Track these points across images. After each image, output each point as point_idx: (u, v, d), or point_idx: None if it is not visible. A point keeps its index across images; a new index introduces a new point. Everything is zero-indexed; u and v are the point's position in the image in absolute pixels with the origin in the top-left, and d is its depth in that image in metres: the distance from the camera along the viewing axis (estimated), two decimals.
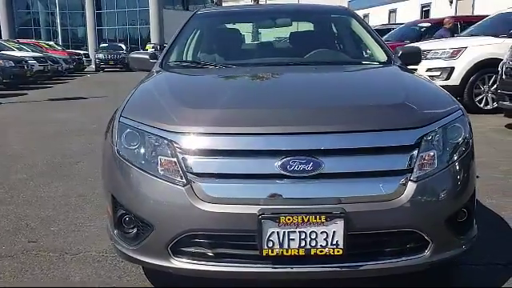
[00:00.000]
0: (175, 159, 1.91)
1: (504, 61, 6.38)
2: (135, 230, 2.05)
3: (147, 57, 3.33)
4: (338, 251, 1.80)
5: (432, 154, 1.93)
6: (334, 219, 1.77)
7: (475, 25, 9.48)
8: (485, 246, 2.52)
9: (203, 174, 1.87)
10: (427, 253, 1.91)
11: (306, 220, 1.77)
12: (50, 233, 3.00)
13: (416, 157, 1.89)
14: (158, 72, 2.96)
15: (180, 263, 1.92)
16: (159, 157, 1.95)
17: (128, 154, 2.04)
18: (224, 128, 1.91)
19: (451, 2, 20.52)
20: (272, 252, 1.81)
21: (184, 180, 1.88)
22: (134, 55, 3.44)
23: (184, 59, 3.27)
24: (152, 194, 1.94)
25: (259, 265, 1.86)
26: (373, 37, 3.42)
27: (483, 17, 10.04)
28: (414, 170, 1.88)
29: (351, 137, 1.88)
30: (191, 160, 1.89)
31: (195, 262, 1.91)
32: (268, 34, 4.13)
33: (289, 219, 1.77)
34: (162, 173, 1.93)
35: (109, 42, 34.69)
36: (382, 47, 3.30)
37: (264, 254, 1.81)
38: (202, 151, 1.89)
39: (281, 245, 1.80)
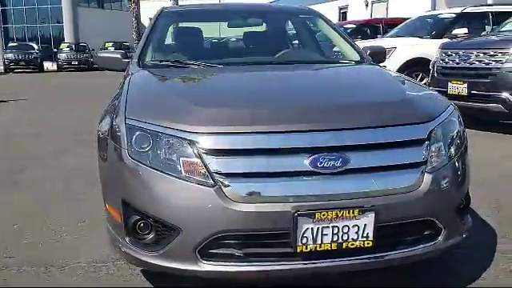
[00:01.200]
0: (199, 160, 1.87)
1: (434, 60, 6.85)
2: (152, 236, 1.98)
3: (119, 56, 3.20)
4: (368, 243, 1.87)
5: (439, 146, 2.06)
6: (365, 212, 1.83)
7: (398, 27, 10.10)
8: None
9: (232, 174, 1.84)
10: (440, 239, 2.04)
11: (339, 215, 1.81)
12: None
13: (428, 149, 2.00)
14: (138, 72, 2.84)
15: (209, 266, 1.88)
16: (181, 158, 1.90)
17: (142, 157, 1.97)
18: (252, 127, 1.89)
19: (367, 5, 21.59)
20: (306, 248, 1.83)
21: (211, 181, 1.84)
22: (102, 54, 3.31)
23: (163, 59, 3.16)
24: (177, 197, 1.88)
25: (290, 262, 1.87)
26: (342, 36, 3.54)
27: (403, 19, 10.72)
28: (428, 162, 1.99)
29: (374, 132, 1.95)
30: (218, 160, 1.85)
31: (224, 263, 1.88)
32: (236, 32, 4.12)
33: (324, 215, 1.80)
34: (184, 174, 1.88)
35: (17, 41, 32.42)
36: (352, 47, 3.43)
37: (298, 251, 1.83)
38: (230, 151, 1.87)
39: (314, 240, 1.83)
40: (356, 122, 1.95)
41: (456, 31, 8.36)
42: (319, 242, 1.83)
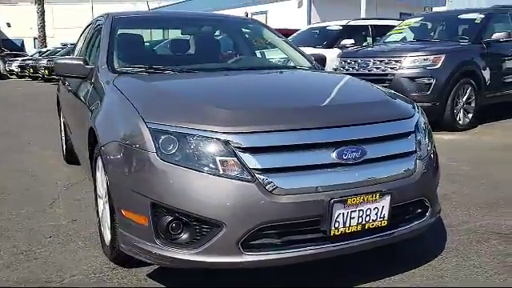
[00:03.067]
0: (235, 158, 1.99)
1: (334, 67, 7.52)
2: (187, 234, 2.04)
3: (81, 62, 3.11)
4: (384, 222, 2.16)
5: (421, 137, 2.43)
6: (383, 196, 2.12)
7: (291, 37, 10.80)
8: None
9: (269, 169, 2.00)
10: (427, 216, 2.41)
11: (365, 199, 2.08)
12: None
13: (416, 140, 2.37)
14: (119, 78, 2.81)
15: (251, 257, 2.00)
16: (216, 157, 2.00)
17: (173, 159, 2.03)
18: (284, 125, 2.08)
19: (247, 15, 22.51)
20: (337, 231, 2.06)
21: (250, 176, 1.98)
22: (61, 60, 3.16)
23: (132, 65, 3.12)
24: (218, 194, 1.98)
25: (323, 245, 2.08)
26: (289, 44, 3.85)
27: (294, 30, 11.49)
28: (418, 151, 2.35)
29: (380, 126, 2.26)
30: (255, 157, 2.00)
31: (265, 253, 2.02)
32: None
33: (353, 200, 2.05)
34: (222, 172, 1.98)
35: None
36: (300, 53, 3.75)
37: (331, 235, 2.05)
38: (264, 148, 2.02)
39: (344, 224, 2.06)
40: (365, 119, 2.24)
41: (344, 42, 9.21)
42: (348, 225, 2.07)
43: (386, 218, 2.15)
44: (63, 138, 4.99)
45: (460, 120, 6.71)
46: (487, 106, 7.20)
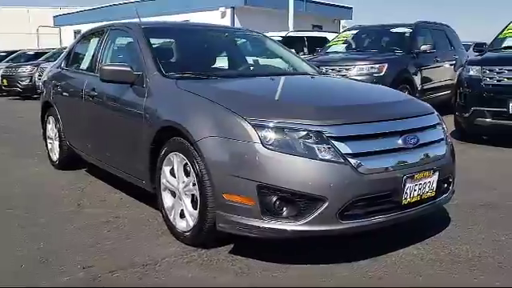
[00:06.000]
0: (330, 145, 2.47)
1: None
2: (290, 209, 2.47)
3: (129, 69, 3.37)
4: (433, 193, 2.76)
5: (443, 127, 3.07)
6: (434, 172, 2.72)
7: None
8: None
9: (356, 153, 2.50)
10: (450, 190, 3.05)
11: (425, 175, 2.66)
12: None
13: (442, 130, 3.01)
14: (178, 82, 3.14)
15: (345, 225, 2.48)
16: (314, 145, 2.46)
17: (277, 147, 2.45)
18: (363, 118, 2.62)
19: None
20: (406, 201, 2.62)
21: (343, 159, 2.46)
22: (109, 67, 3.40)
23: (180, 71, 3.44)
24: (320, 174, 2.43)
25: (395, 212, 2.62)
26: (292, 53, 4.39)
27: None
28: (444, 138, 2.99)
29: (423, 118, 2.87)
30: (346, 144, 2.49)
31: (355, 221, 2.52)
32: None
33: (418, 176, 2.62)
34: (321, 156, 2.45)
35: None
36: (303, 61, 4.30)
37: (402, 204, 2.60)
38: (352, 137, 2.53)
39: (410, 195, 2.63)
40: (412, 113, 2.85)
41: None
42: (412, 196, 2.64)
43: (434, 190, 2.76)
44: (54, 146, 5.03)
45: None
46: None
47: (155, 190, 3.22)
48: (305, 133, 2.48)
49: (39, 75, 13.37)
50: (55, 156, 5.07)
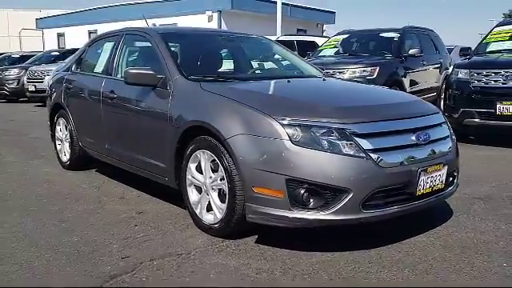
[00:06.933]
0: (353, 142, 2.71)
1: None
2: (317, 200, 2.70)
3: (153, 72, 3.57)
4: (442, 186, 3.03)
5: (449, 126, 3.35)
6: (444, 166, 2.99)
7: None
8: None
9: (377, 149, 2.74)
10: (455, 183, 3.32)
11: (436, 168, 2.92)
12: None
13: (448, 128, 3.28)
14: (201, 84, 3.36)
15: (367, 214, 2.73)
16: (339, 141, 2.70)
17: (305, 144, 2.68)
18: (380, 117, 2.88)
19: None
20: (419, 193, 2.87)
21: (364, 154, 2.71)
22: (134, 71, 3.58)
23: (200, 74, 3.65)
24: (345, 168, 2.67)
25: (411, 203, 2.87)
26: (300, 58, 4.64)
27: None
28: (449, 135, 3.26)
29: (432, 117, 3.14)
30: (367, 140, 2.73)
31: (375, 210, 2.76)
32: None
33: (431, 169, 2.88)
34: (345, 152, 2.69)
35: None
36: (311, 65, 4.54)
37: (416, 195, 2.85)
38: (372, 134, 2.78)
39: (423, 187, 2.88)
40: (424, 112, 3.11)
41: None
42: (425, 188, 2.89)
43: (443, 182, 3.02)
44: (64, 147, 5.17)
45: None
46: None
47: (179, 186, 3.42)
48: (329, 130, 2.72)
49: (28, 78, 13.34)
50: (65, 157, 5.20)
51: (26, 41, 29.89)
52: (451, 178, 3.25)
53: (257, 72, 4.28)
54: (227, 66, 4.23)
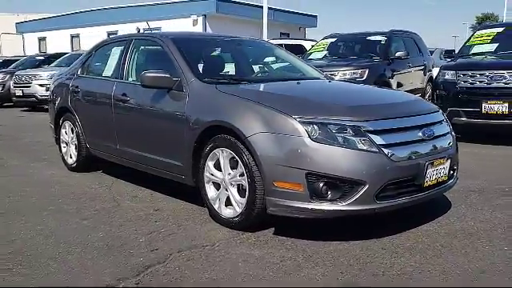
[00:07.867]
0: (367, 138, 2.94)
1: None
2: (334, 192, 2.91)
3: (168, 75, 3.74)
4: (445, 178, 3.28)
5: (448, 123, 3.61)
6: (447, 159, 3.25)
7: None
8: None
9: (388, 144, 2.98)
10: (455, 177, 3.58)
11: (441, 161, 3.17)
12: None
13: (447, 124, 3.54)
14: (217, 86, 3.55)
15: (380, 204, 2.95)
16: (354, 138, 2.92)
17: (323, 140, 2.90)
18: (391, 115, 3.11)
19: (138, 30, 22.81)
20: (426, 184, 3.11)
21: (378, 149, 2.93)
22: (151, 74, 3.74)
23: (215, 77, 3.84)
24: (361, 162, 2.89)
25: (418, 194, 3.11)
26: (302, 60, 4.86)
27: None
28: (449, 131, 3.52)
29: (434, 115, 3.39)
30: (380, 137, 2.96)
31: (388, 201, 2.99)
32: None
33: (436, 162, 3.13)
34: (360, 147, 2.91)
35: None
36: (312, 67, 4.78)
37: (423, 187, 3.09)
38: (384, 130, 3.01)
39: (430, 179, 3.13)
40: (427, 110, 3.36)
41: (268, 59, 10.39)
42: (431, 180, 3.14)
43: (447, 175, 3.28)
44: (70, 149, 5.29)
45: None
46: None
47: (196, 184, 3.59)
48: (345, 128, 2.94)
49: (15, 83, 13.28)
50: (71, 159, 5.31)
51: (6, 45, 29.52)
52: (452, 172, 3.50)
53: (265, 74, 4.50)
54: (237, 68, 4.43)
